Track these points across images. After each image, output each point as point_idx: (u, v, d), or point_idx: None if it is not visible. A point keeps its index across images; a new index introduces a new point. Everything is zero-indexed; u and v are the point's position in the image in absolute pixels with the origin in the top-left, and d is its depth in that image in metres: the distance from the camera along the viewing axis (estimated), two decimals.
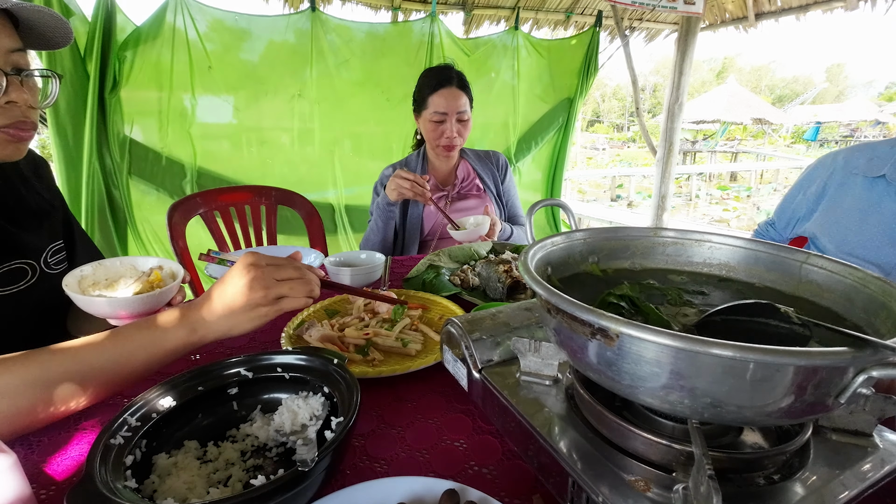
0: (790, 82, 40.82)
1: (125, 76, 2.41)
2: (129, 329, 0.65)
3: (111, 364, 0.62)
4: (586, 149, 17.34)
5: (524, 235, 1.67)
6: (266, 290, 0.65)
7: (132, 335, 0.64)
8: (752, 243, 0.57)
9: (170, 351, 0.65)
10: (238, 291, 0.65)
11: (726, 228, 7.17)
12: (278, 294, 0.66)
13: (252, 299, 0.65)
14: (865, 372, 0.31)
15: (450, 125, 1.55)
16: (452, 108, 1.54)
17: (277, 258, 0.69)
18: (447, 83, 1.53)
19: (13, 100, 0.70)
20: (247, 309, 0.65)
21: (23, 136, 0.74)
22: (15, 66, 0.71)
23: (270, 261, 0.67)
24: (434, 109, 1.54)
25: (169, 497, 0.48)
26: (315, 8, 2.78)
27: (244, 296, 0.65)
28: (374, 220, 1.59)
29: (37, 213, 0.91)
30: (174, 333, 0.64)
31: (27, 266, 0.84)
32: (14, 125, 0.72)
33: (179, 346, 0.65)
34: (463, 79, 1.57)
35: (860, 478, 0.41)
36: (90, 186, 2.42)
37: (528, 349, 0.53)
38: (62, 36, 0.77)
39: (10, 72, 0.70)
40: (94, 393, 0.62)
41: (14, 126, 0.72)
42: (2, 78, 0.68)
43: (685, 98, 3.93)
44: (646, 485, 0.40)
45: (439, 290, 1.04)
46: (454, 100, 1.53)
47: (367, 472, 0.55)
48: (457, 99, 1.54)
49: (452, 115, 1.54)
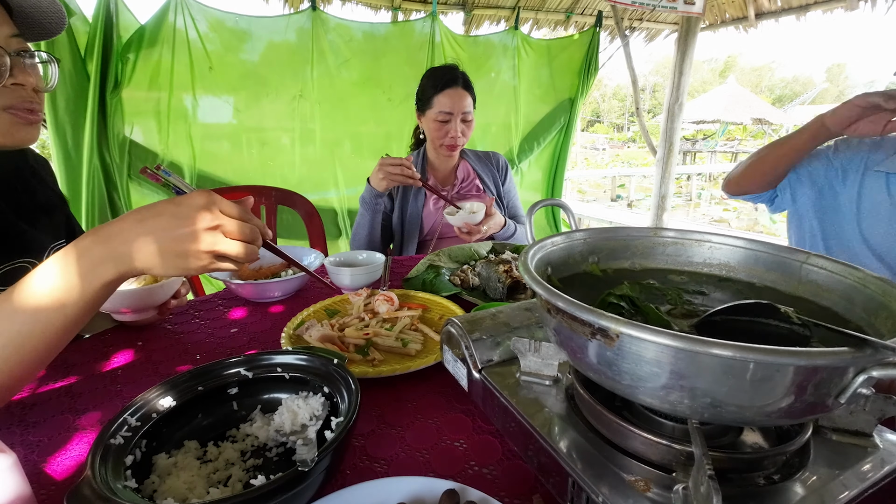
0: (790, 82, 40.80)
1: (126, 77, 2.41)
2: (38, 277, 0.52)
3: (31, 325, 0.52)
4: (586, 149, 17.33)
5: (525, 235, 1.67)
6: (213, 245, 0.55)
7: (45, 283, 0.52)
8: (752, 243, 0.57)
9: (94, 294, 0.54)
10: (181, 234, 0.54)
11: (726, 228, 7.17)
12: (223, 253, 0.56)
13: (193, 250, 0.54)
14: (865, 372, 0.31)
15: (454, 125, 1.56)
16: (458, 108, 1.55)
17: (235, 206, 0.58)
18: (452, 83, 1.54)
19: (19, 81, 0.70)
20: (181, 255, 0.54)
21: (32, 119, 0.74)
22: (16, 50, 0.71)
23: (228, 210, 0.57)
24: (439, 109, 1.55)
25: (169, 497, 0.48)
26: (315, 7, 2.78)
27: (186, 242, 0.54)
28: (360, 213, 1.59)
29: (44, 209, 0.91)
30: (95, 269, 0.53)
31: (29, 265, 0.84)
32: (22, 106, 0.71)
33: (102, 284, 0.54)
34: (467, 79, 1.59)
35: (860, 478, 0.41)
36: (90, 187, 2.42)
37: (528, 349, 0.53)
38: (56, 21, 0.77)
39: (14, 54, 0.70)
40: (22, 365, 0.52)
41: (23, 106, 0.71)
42: (5, 57, 0.67)
43: (685, 98, 3.94)
44: (646, 485, 0.40)
45: (439, 290, 1.04)
46: (459, 100, 1.54)
47: (367, 472, 0.55)
48: (462, 99, 1.55)
49: (457, 115, 1.55)
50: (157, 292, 0.87)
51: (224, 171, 2.81)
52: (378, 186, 1.47)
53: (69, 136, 2.36)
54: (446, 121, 1.56)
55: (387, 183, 1.45)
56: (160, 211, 0.54)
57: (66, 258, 0.53)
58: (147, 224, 0.54)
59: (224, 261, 0.57)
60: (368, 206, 1.54)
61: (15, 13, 0.73)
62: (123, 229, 0.54)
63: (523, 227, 1.69)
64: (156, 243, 0.53)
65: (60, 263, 0.53)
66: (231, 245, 0.56)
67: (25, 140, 0.75)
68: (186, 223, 0.54)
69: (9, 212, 0.82)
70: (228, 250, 0.56)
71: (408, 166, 1.42)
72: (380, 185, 1.46)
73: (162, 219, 0.54)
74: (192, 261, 0.55)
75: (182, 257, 0.54)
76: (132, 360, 0.82)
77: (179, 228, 0.53)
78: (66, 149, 2.37)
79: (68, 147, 2.37)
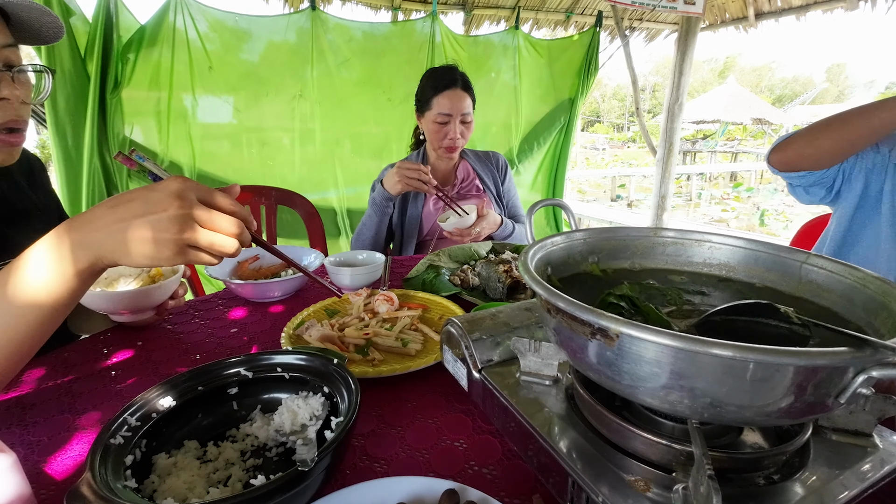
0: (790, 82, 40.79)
1: (127, 77, 2.41)
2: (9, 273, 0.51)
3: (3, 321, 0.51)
4: (586, 149, 17.33)
5: (524, 234, 1.67)
6: (181, 233, 0.51)
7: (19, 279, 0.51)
8: (752, 243, 0.57)
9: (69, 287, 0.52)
10: (149, 221, 0.50)
11: (726, 228, 7.17)
12: (193, 243, 0.52)
13: (161, 238, 0.51)
14: (865, 372, 0.31)
15: (453, 126, 1.56)
16: (457, 109, 1.54)
17: (217, 194, 0.54)
18: (452, 85, 1.53)
19: (5, 97, 0.69)
20: (148, 243, 0.51)
21: (14, 142, 0.74)
22: (6, 63, 0.71)
23: (204, 197, 0.53)
24: (438, 111, 1.54)
25: (169, 497, 0.48)
26: (315, 7, 2.78)
27: (154, 229, 0.50)
28: (368, 214, 1.58)
29: (37, 209, 0.91)
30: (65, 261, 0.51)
31: None
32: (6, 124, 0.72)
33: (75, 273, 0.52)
34: (467, 80, 1.58)
35: (860, 478, 0.41)
36: (91, 187, 2.42)
37: (528, 349, 0.53)
38: (53, 32, 0.77)
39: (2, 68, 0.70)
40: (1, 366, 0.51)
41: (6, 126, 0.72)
42: None
43: (685, 98, 3.94)
44: (646, 485, 0.40)
45: (439, 290, 1.04)
46: (458, 101, 1.54)
47: (367, 472, 0.55)
48: (461, 101, 1.54)
49: (457, 116, 1.55)
50: (153, 293, 0.87)
51: (224, 171, 2.81)
52: (392, 190, 1.47)
53: (69, 136, 2.36)
54: (445, 122, 1.55)
55: (402, 187, 1.44)
56: (132, 197, 0.52)
57: (40, 247, 0.52)
58: (118, 210, 0.51)
59: (198, 252, 0.53)
60: (378, 209, 1.54)
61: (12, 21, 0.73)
62: (95, 216, 0.52)
63: (523, 227, 1.69)
64: (125, 230, 0.50)
65: (34, 252, 0.51)
66: (204, 235, 0.52)
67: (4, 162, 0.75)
68: (156, 208, 0.50)
69: None
70: (199, 240, 0.52)
71: (425, 172, 1.42)
72: (394, 188, 1.46)
73: (132, 204, 0.51)
74: (161, 249, 0.51)
75: (150, 244, 0.51)
76: (132, 360, 0.82)
77: (148, 214, 0.50)
78: (66, 149, 2.37)
79: (68, 147, 2.37)
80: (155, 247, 0.51)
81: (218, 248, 0.53)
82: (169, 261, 0.52)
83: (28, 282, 0.51)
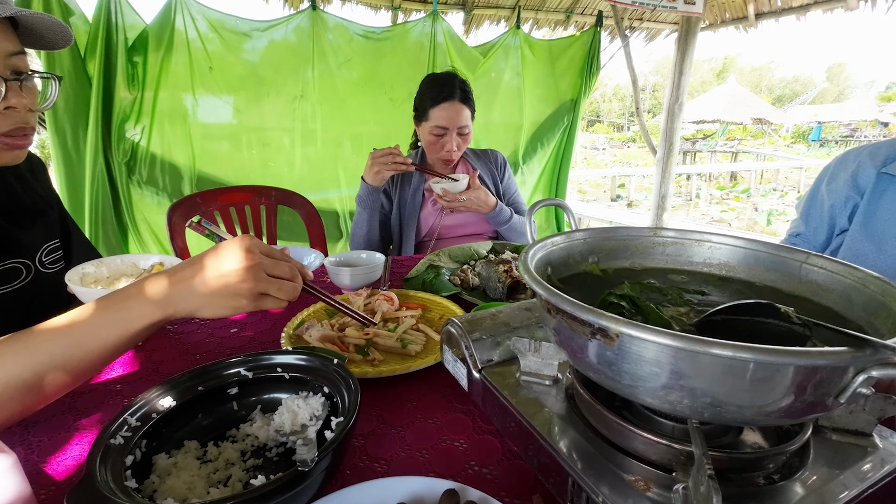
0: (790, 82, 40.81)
1: (128, 77, 2.41)
2: (90, 309, 0.58)
3: (73, 349, 0.56)
4: (586, 149, 17.33)
5: (526, 224, 1.67)
6: (255, 282, 0.59)
7: (94, 315, 0.57)
8: (752, 243, 0.57)
9: (137, 331, 0.59)
10: (225, 274, 0.58)
11: (726, 228, 7.17)
12: (265, 290, 0.60)
13: (237, 288, 0.58)
14: (865, 372, 0.31)
15: (450, 139, 1.54)
16: (454, 123, 1.52)
17: (274, 250, 0.64)
18: (450, 97, 1.50)
19: (12, 105, 0.70)
20: (226, 295, 0.59)
21: (20, 145, 0.75)
22: (14, 70, 0.71)
23: (267, 251, 0.62)
24: (435, 123, 1.52)
25: (169, 497, 0.47)
26: (315, 7, 2.78)
27: (230, 281, 0.58)
28: (357, 212, 1.58)
29: (32, 212, 0.91)
30: (141, 310, 0.58)
31: (22, 265, 0.84)
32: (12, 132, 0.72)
33: (147, 325, 0.59)
34: (466, 90, 1.55)
35: (860, 478, 0.41)
36: (94, 188, 2.42)
37: (528, 349, 0.53)
38: (62, 38, 0.78)
39: (10, 77, 0.70)
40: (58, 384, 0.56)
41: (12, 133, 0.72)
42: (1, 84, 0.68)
43: (685, 98, 3.93)
44: (646, 485, 0.40)
45: (439, 290, 1.04)
46: (456, 115, 1.51)
47: (367, 472, 0.55)
48: (458, 113, 1.51)
49: (453, 129, 1.53)
50: None
51: (224, 171, 2.81)
52: (374, 181, 1.46)
53: (69, 137, 2.36)
54: (441, 135, 1.54)
55: (381, 175, 1.44)
56: (205, 257, 0.60)
57: (120, 296, 0.59)
58: (195, 270, 0.59)
59: (267, 300, 0.61)
60: (366, 205, 1.54)
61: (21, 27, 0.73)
62: (176, 276, 0.59)
63: (522, 217, 1.69)
64: (204, 286, 0.58)
65: (113, 300, 0.59)
66: (273, 282, 0.60)
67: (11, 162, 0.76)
68: (230, 264, 0.58)
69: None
70: (270, 287, 0.60)
71: (397, 153, 1.41)
72: (375, 178, 1.45)
73: (207, 263, 0.59)
74: (238, 299, 0.59)
75: (228, 297, 0.59)
76: (132, 360, 0.82)
77: (223, 270, 0.58)
78: (65, 149, 2.37)
79: (68, 147, 2.37)
80: (233, 298, 0.59)
81: (285, 293, 0.61)
82: (245, 309, 0.60)
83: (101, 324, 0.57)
